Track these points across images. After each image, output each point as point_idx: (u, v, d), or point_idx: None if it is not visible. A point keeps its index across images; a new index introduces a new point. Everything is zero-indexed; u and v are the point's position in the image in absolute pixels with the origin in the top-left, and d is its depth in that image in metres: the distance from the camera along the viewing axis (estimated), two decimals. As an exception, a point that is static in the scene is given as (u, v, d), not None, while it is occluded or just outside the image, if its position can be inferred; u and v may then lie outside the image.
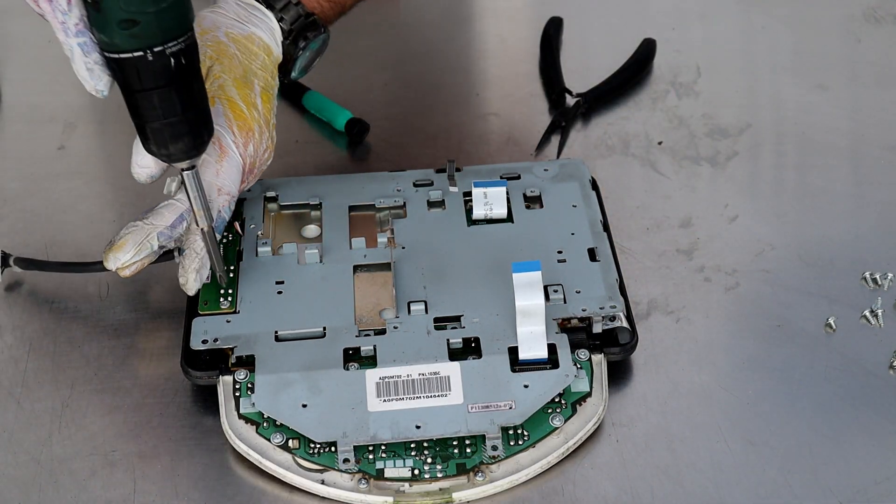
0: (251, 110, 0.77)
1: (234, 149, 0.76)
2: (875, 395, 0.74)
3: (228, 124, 0.76)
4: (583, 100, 0.97)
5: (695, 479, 0.70)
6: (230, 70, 0.77)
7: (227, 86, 0.76)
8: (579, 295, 0.77)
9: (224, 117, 0.76)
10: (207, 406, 0.75)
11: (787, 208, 0.88)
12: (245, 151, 0.77)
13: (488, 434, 0.70)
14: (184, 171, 0.71)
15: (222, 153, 0.76)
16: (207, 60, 0.77)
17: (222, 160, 0.76)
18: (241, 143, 0.77)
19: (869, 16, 1.06)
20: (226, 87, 0.76)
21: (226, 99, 0.76)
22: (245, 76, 0.77)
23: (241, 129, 0.77)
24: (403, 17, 1.09)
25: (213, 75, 0.76)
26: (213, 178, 0.76)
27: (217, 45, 0.77)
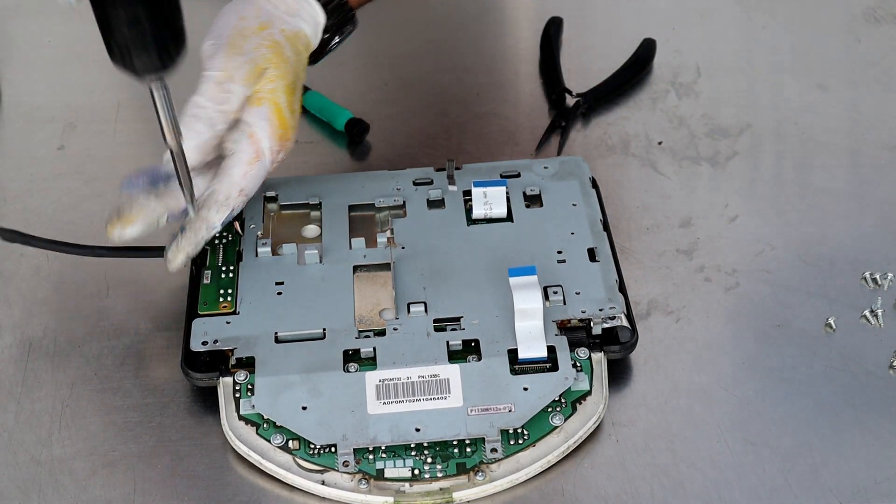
0: (293, 117, 0.77)
1: (268, 157, 0.76)
2: (875, 395, 0.74)
3: (271, 131, 0.76)
4: (583, 100, 0.97)
5: (695, 479, 0.70)
6: (283, 76, 0.76)
7: (279, 92, 0.76)
8: (579, 296, 0.77)
9: (269, 123, 0.75)
10: (207, 407, 0.75)
11: (787, 208, 0.88)
12: (276, 158, 0.77)
13: (488, 437, 0.70)
14: (151, 84, 0.69)
15: (256, 157, 0.76)
16: (264, 62, 0.76)
17: (254, 164, 0.76)
18: (275, 151, 0.77)
19: (869, 16, 1.06)
20: (276, 94, 0.76)
21: (274, 104, 0.76)
22: (294, 83, 0.77)
23: (282, 138, 0.76)
24: (404, 17, 1.09)
25: (268, 79, 0.76)
26: (239, 179, 0.75)
27: (275, 47, 0.77)
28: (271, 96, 0.76)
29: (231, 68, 0.75)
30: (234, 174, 0.75)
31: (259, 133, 0.75)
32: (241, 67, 0.75)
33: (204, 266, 0.81)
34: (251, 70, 0.75)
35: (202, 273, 0.80)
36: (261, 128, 0.75)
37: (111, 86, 1.02)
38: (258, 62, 0.75)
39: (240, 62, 0.75)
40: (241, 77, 0.75)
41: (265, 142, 0.76)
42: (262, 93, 0.76)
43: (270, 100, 0.76)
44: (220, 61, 0.75)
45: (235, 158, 0.75)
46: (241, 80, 0.75)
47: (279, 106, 0.76)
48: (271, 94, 0.76)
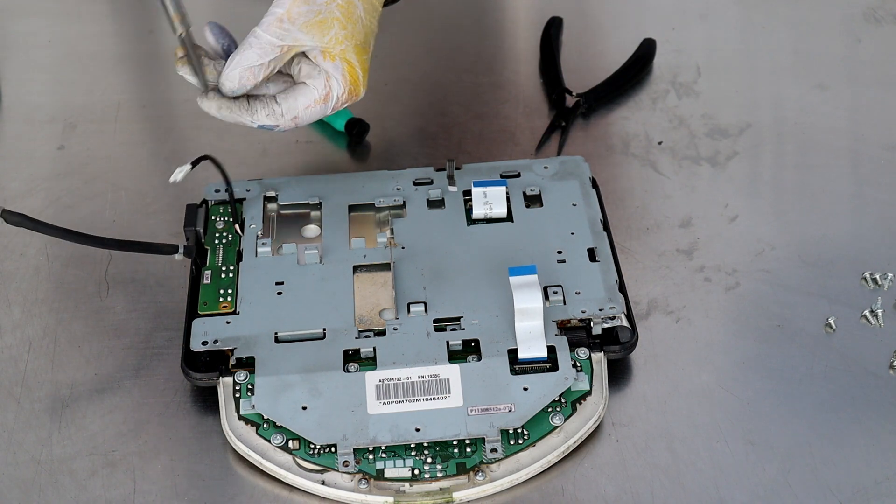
0: (366, 75, 0.80)
1: (333, 104, 0.80)
2: (875, 395, 0.74)
3: (344, 84, 0.79)
4: (583, 100, 0.97)
5: (695, 479, 0.70)
6: (353, 36, 0.80)
7: (349, 51, 0.79)
8: (579, 296, 0.77)
9: (342, 76, 0.79)
10: (207, 406, 0.75)
11: (787, 208, 0.88)
12: (338, 107, 0.81)
13: (488, 437, 0.70)
14: None
15: (324, 99, 0.79)
16: (331, 19, 0.79)
17: (319, 103, 0.79)
18: (342, 101, 0.80)
19: (869, 16, 1.06)
20: (347, 53, 0.79)
21: (346, 61, 0.79)
22: (366, 40, 0.81)
23: (352, 92, 0.80)
24: (404, 17, 1.09)
25: (337, 39, 0.79)
26: (301, 107, 0.79)
27: (347, 7, 0.80)
28: (342, 54, 0.79)
29: (295, 12, 0.78)
30: (300, 101, 0.79)
31: (333, 81, 0.79)
32: (306, 15, 0.78)
33: (204, 266, 0.81)
34: (315, 21, 0.78)
35: (202, 273, 0.80)
36: (335, 78, 0.79)
37: (111, 86, 1.02)
38: (325, 16, 0.79)
39: (305, 10, 0.78)
40: (302, 22, 0.78)
41: (336, 90, 0.79)
42: (334, 51, 0.79)
43: (342, 57, 0.79)
44: (288, 2, 0.78)
45: (307, 90, 0.79)
46: (302, 24, 0.78)
47: (351, 63, 0.79)
48: (342, 53, 0.79)
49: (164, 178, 0.83)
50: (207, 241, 0.82)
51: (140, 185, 0.92)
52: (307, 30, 0.78)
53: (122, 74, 1.04)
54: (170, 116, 0.99)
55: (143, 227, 0.88)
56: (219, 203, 0.85)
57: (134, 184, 0.92)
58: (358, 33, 0.80)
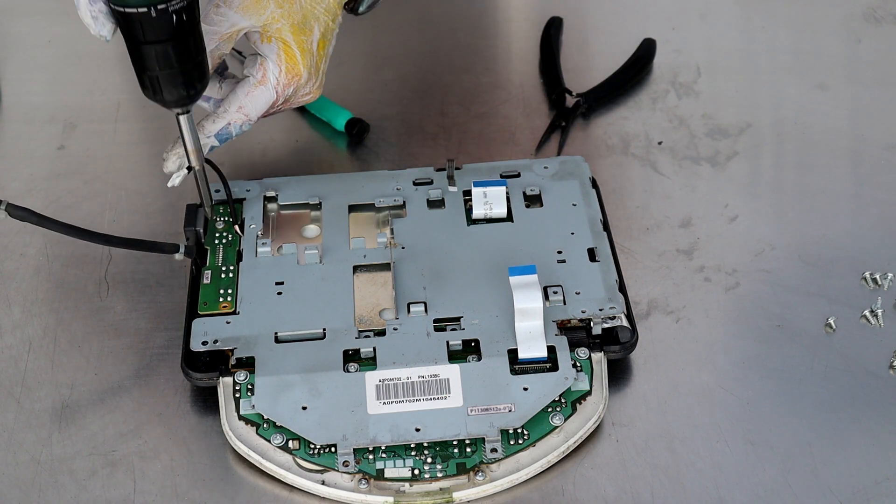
0: (304, 56, 0.81)
1: (274, 85, 0.81)
2: (875, 395, 0.74)
3: (279, 63, 0.81)
4: (583, 100, 0.97)
5: (695, 479, 0.70)
6: (289, 15, 0.81)
7: (284, 30, 0.81)
8: (579, 296, 0.77)
9: (277, 56, 0.81)
10: (207, 406, 0.75)
11: (787, 208, 0.88)
12: (283, 91, 0.82)
13: (488, 437, 0.70)
14: (179, 115, 0.77)
15: (261, 82, 0.81)
16: (270, 2, 0.81)
17: (257, 88, 0.81)
18: (283, 83, 0.81)
19: (869, 16, 1.06)
20: (283, 32, 0.81)
21: (281, 41, 0.81)
22: (304, 21, 0.82)
23: (290, 72, 0.81)
24: (403, 17, 1.09)
25: (273, 17, 0.81)
26: (242, 98, 0.81)
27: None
28: (278, 35, 0.80)
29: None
30: (239, 93, 0.81)
31: (268, 62, 0.81)
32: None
33: (204, 266, 0.81)
34: (251, 2, 0.80)
35: (202, 273, 0.80)
36: (270, 59, 0.81)
37: (111, 86, 1.02)
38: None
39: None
40: (238, 5, 0.79)
41: (272, 70, 0.81)
42: (270, 31, 0.80)
43: (278, 37, 0.80)
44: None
45: (244, 79, 0.82)
46: (238, 7, 0.79)
47: (287, 42, 0.81)
48: (278, 32, 0.80)
49: (164, 178, 0.83)
50: (207, 240, 0.82)
51: (140, 185, 0.92)
52: (243, 11, 0.79)
53: (122, 74, 1.04)
54: (170, 116, 0.98)
55: (143, 227, 0.88)
56: (219, 203, 0.85)
57: (134, 184, 0.92)
58: (295, 13, 0.81)
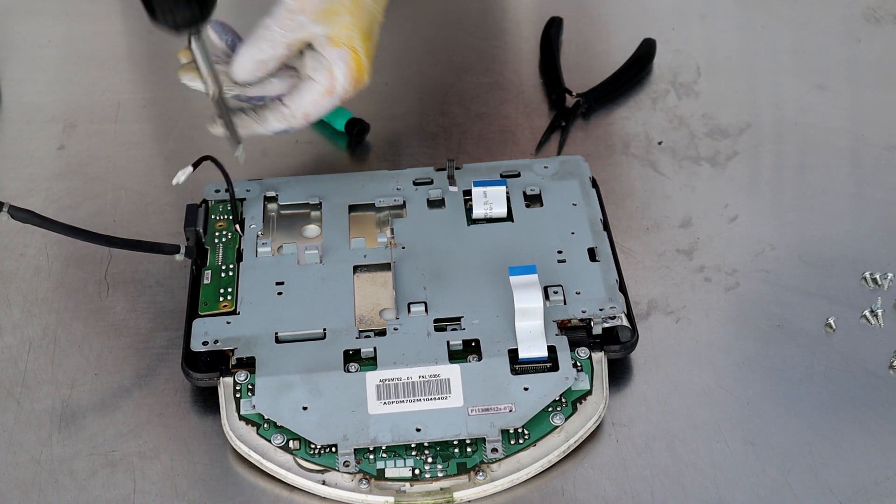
0: (369, 61, 0.81)
1: (339, 93, 0.81)
2: (875, 395, 0.74)
3: (347, 72, 0.80)
4: (583, 100, 0.97)
5: (695, 479, 0.70)
6: (359, 24, 0.80)
7: (355, 38, 0.80)
8: (579, 296, 0.77)
9: (346, 64, 0.80)
10: (207, 406, 0.75)
11: (787, 208, 0.88)
12: (345, 98, 0.81)
13: (488, 437, 0.70)
14: (191, 37, 0.75)
15: (329, 91, 0.80)
16: (338, 6, 0.80)
17: (325, 96, 0.80)
18: (348, 91, 0.81)
19: (869, 16, 1.06)
20: (353, 39, 0.80)
21: (351, 49, 0.80)
22: (370, 28, 0.81)
23: (356, 80, 0.81)
24: (404, 17, 1.09)
25: (343, 25, 0.80)
26: (308, 104, 0.81)
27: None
28: (348, 42, 0.80)
29: (307, 2, 0.79)
30: (306, 99, 0.81)
31: (337, 71, 0.80)
32: (316, 4, 0.79)
33: (204, 266, 0.81)
34: (323, 9, 0.79)
35: (202, 273, 0.80)
36: (339, 67, 0.80)
37: (111, 86, 1.02)
38: (333, 4, 0.79)
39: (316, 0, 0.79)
40: (311, 10, 0.79)
41: (340, 80, 0.80)
42: (340, 38, 0.80)
43: (348, 45, 0.80)
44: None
45: (311, 85, 0.80)
46: (311, 13, 0.79)
47: (356, 51, 0.80)
48: (348, 39, 0.80)
49: (164, 178, 0.83)
50: (207, 240, 0.82)
51: (140, 185, 0.92)
52: (316, 18, 0.79)
53: (122, 74, 1.04)
54: (170, 116, 0.99)
55: (143, 227, 0.88)
56: (219, 203, 0.85)
57: (134, 184, 0.92)
58: (365, 21, 0.81)
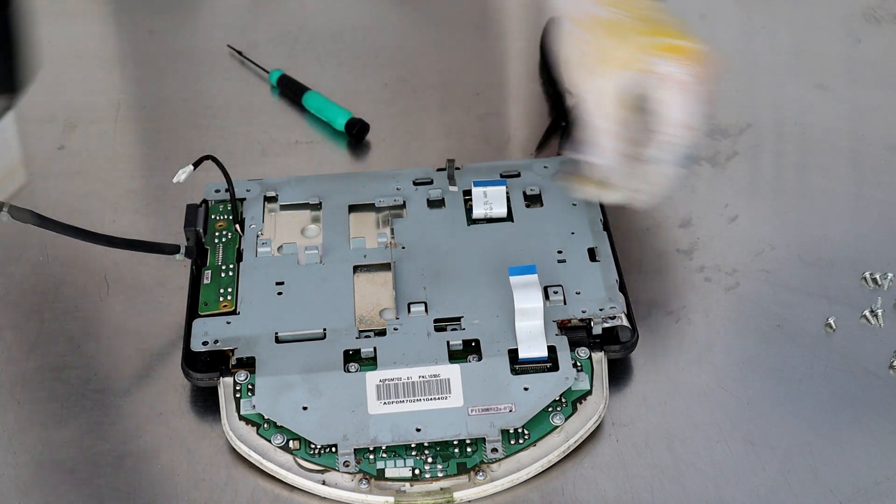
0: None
1: (694, 84, 0.75)
2: (875, 395, 0.74)
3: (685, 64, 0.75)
4: (583, 100, 0.97)
5: (695, 479, 0.70)
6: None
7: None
8: (579, 296, 0.77)
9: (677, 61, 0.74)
10: (207, 406, 0.75)
11: (787, 208, 0.88)
12: (708, 85, 0.75)
13: (488, 437, 0.70)
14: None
15: (684, 86, 0.74)
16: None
17: (683, 94, 0.74)
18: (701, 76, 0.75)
19: (869, 16, 1.06)
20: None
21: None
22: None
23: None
24: (403, 17, 1.09)
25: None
26: (677, 113, 0.74)
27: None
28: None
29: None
30: (672, 110, 0.74)
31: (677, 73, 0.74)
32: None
33: (204, 266, 0.81)
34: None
35: (202, 273, 0.80)
36: (672, 67, 0.74)
37: (111, 86, 1.02)
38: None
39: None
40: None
41: (685, 74, 0.74)
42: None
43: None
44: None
45: (665, 94, 0.74)
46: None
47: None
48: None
49: (164, 178, 0.83)
50: (207, 240, 0.82)
51: (140, 185, 0.92)
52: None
53: (122, 74, 1.04)
54: (170, 116, 0.99)
55: (143, 227, 0.88)
56: (219, 203, 0.85)
57: (134, 184, 0.92)
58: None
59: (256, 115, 0.99)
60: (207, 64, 1.04)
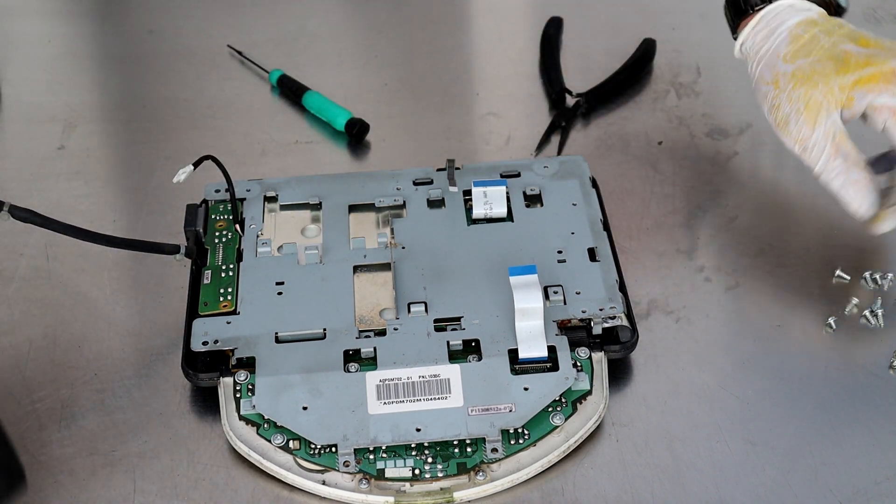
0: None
1: None
2: (875, 395, 0.74)
3: None
4: (583, 100, 0.97)
5: (695, 479, 0.70)
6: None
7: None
8: (579, 296, 0.77)
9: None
10: (207, 406, 0.75)
11: (787, 208, 0.88)
12: None
13: (488, 437, 0.70)
14: None
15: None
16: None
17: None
18: None
19: (869, 16, 1.06)
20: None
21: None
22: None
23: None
24: (403, 17, 1.09)
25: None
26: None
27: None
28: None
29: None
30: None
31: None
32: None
33: (204, 266, 0.81)
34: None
35: (202, 273, 0.80)
36: (880, 98, 0.77)
37: (111, 86, 1.02)
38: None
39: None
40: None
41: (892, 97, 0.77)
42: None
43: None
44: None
45: (886, 124, 0.77)
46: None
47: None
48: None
49: (164, 178, 0.83)
50: (207, 241, 0.82)
51: (140, 185, 0.92)
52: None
53: (122, 74, 1.04)
54: (170, 116, 0.99)
55: (143, 227, 0.88)
56: (219, 203, 0.85)
57: (134, 184, 0.92)
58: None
59: (256, 115, 0.99)
60: (207, 64, 1.04)
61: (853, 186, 0.78)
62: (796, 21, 0.80)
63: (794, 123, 0.78)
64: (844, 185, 0.78)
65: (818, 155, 0.78)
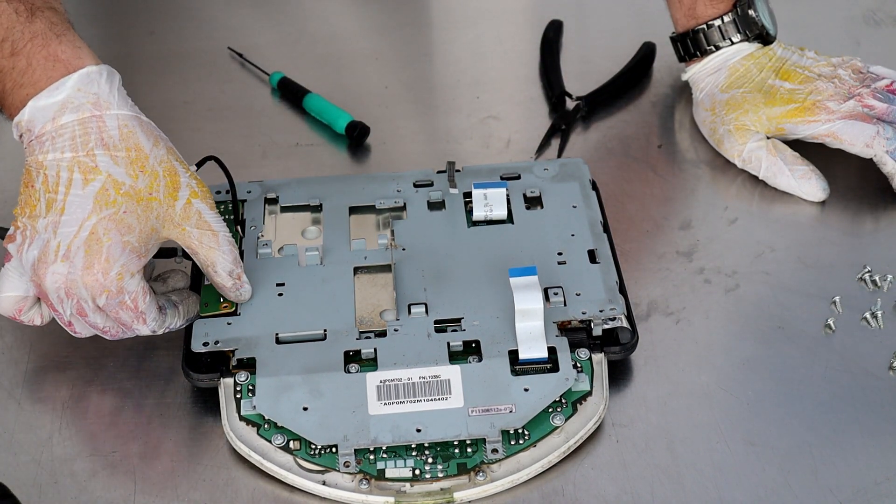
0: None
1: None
2: (875, 395, 0.74)
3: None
4: (583, 103, 0.97)
5: (695, 479, 0.70)
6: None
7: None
8: (579, 297, 0.77)
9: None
10: (208, 407, 0.75)
11: (787, 210, 0.88)
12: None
13: (488, 438, 0.70)
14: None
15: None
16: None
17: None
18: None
19: (868, 18, 1.06)
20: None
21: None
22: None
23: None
24: (403, 18, 1.09)
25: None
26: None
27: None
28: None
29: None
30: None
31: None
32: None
33: (205, 267, 0.81)
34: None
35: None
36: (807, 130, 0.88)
37: (112, 88, 1.02)
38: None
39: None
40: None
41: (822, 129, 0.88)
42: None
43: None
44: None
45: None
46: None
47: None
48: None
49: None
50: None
51: (141, 186, 0.92)
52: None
53: (122, 74, 1.04)
54: (170, 117, 0.99)
55: (143, 229, 0.88)
56: (220, 204, 0.85)
57: (134, 186, 0.92)
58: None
59: (257, 118, 0.99)
60: (208, 66, 1.04)
61: (801, 178, 0.87)
62: (737, 59, 0.91)
63: (728, 141, 0.89)
64: (792, 180, 0.87)
65: (758, 162, 0.88)
